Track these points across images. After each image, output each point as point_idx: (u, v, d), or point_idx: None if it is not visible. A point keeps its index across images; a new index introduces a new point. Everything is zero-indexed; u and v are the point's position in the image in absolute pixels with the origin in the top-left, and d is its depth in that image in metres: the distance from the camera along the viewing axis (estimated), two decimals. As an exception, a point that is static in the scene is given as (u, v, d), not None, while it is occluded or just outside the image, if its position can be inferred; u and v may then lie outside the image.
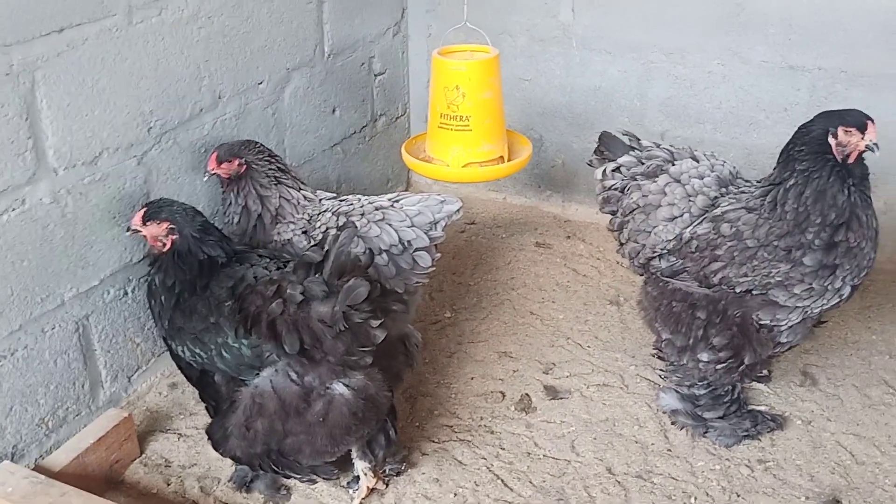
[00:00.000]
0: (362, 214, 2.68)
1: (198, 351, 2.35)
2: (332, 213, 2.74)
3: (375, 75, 3.91)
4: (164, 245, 2.47)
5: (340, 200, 2.82)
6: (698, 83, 3.72)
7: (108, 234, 2.68)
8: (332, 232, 2.63)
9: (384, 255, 2.64)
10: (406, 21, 4.03)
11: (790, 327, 2.67)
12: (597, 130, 2.99)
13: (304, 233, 2.75)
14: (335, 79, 3.61)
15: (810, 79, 3.53)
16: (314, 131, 3.55)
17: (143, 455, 2.74)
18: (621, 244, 2.89)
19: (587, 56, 3.86)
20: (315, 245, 2.41)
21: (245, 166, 2.79)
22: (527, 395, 3.03)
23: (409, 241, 2.65)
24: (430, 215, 2.66)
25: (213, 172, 2.82)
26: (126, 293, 2.80)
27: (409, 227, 2.65)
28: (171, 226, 2.46)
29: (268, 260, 2.42)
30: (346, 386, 2.25)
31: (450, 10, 3.81)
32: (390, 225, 2.65)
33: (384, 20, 3.88)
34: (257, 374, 2.29)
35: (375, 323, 2.15)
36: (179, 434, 2.83)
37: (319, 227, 2.72)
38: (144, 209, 2.50)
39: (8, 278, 2.39)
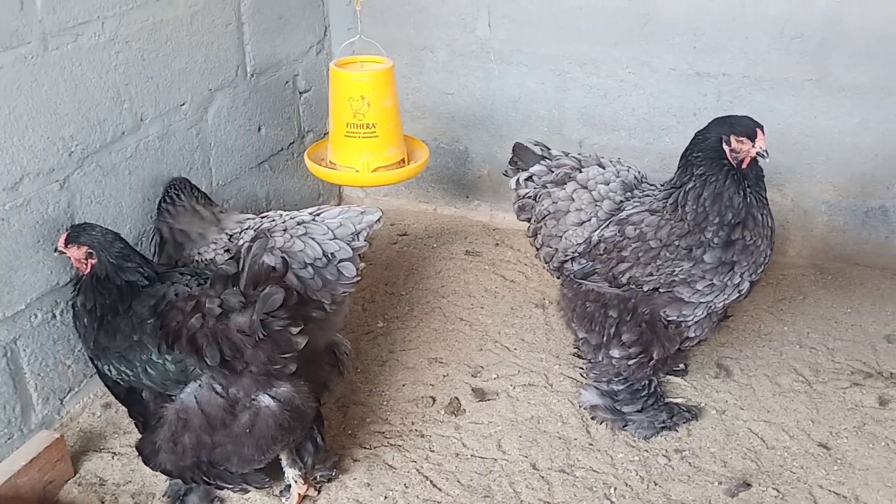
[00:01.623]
0: (284, 230, 2.75)
1: (123, 369, 2.40)
2: (254, 230, 2.81)
3: (301, 93, 3.99)
4: (85, 268, 2.52)
5: (262, 217, 2.90)
6: (612, 92, 3.87)
7: (33, 259, 2.72)
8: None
9: (309, 269, 2.70)
10: (329, 39, 4.12)
11: (696, 322, 2.81)
12: (519, 140, 3.11)
13: (227, 251, 2.81)
14: (259, 98, 3.68)
15: (716, 84, 3.71)
16: (240, 150, 3.62)
17: (78, 475, 2.77)
18: (537, 249, 3.01)
19: (505, 69, 3.99)
20: (231, 258, 2.47)
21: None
22: (456, 398, 3.13)
23: (332, 254, 2.72)
24: (351, 226, 2.74)
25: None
26: (54, 316, 2.84)
27: (331, 239, 2.73)
28: (90, 250, 2.51)
29: (189, 277, 2.48)
30: (272, 397, 2.32)
31: (371, 27, 3.90)
32: (313, 238, 2.73)
33: (307, 39, 3.97)
34: (183, 388, 2.35)
35: (295, 329, 2.23)
36: (114, 453, 2.87)
37: (242, 245, 2.79)
38: (67, 232, 2.55)
39: (-70, 306, 2.42)
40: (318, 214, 2.79)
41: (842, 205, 3.76)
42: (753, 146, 2.60)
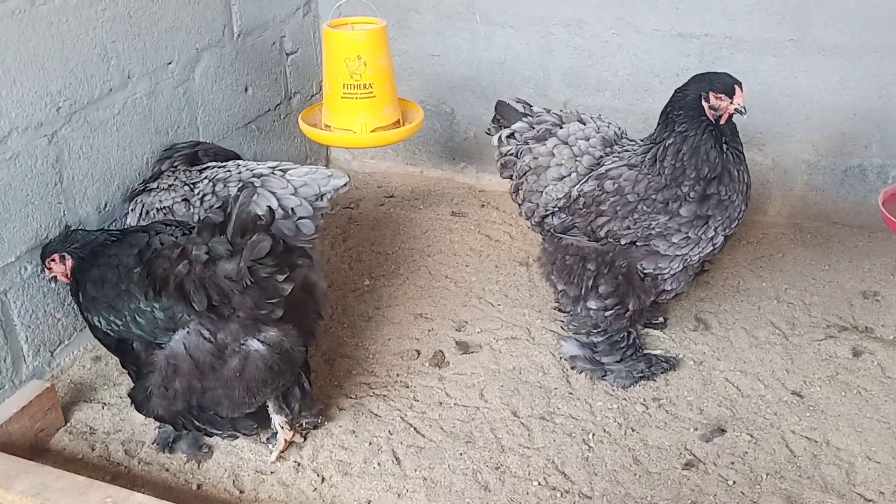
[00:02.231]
0: (239, 181, 2.78)
1: (113, 319, 2.45)
2: (210, 181, 2.86)
3: (287, 54, 4.02)
4: (68, 274, 2.63)
5: (219, 167, 2.94)
6: (596, 53, 3.91)
7: (22, 213, 2.77)
8: (210, 199, 2.76)
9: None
10: (316, 1, 4.14)
11: (673, 275, 2.88)
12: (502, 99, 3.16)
13: (185, 200, 2.87)
14: (246, 58, 3.71)
15: (698, 45, 3.75)
16: (227, 110, 3.66)
17: (68, 424, 2.83)
18: (519, 205, 3.07)
19: (491, 30, 4.02)
20: (218, 207, 2.51)
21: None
22: (440, 351, 3.20)
23: (292, 209, 2.67)
24: (315, 188, 2.65)
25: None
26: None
27: (291, 194, 2.69)
28: (60, 254, 2.62)
29: (173, 227, 2.54)
30: (261, 342, 2.39)
31: (357, -11, 3.93)
32: (272, 192, 2.72)
33: (293, 0, 3.99)
34: (172, 336, 2.40)
35: (281, 277, 2.28)
36: (104, 403, 2.93)
37: (198, 195, 2.85)
38: (41, 258, 2.70)
39: (-78, 256, 2.47)
40: (283, 170, 2.78)
41: (821, 164, 3.82)
42: (732, 103, 2.65)
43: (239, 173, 2.84)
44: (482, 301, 3.50)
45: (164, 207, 2.90)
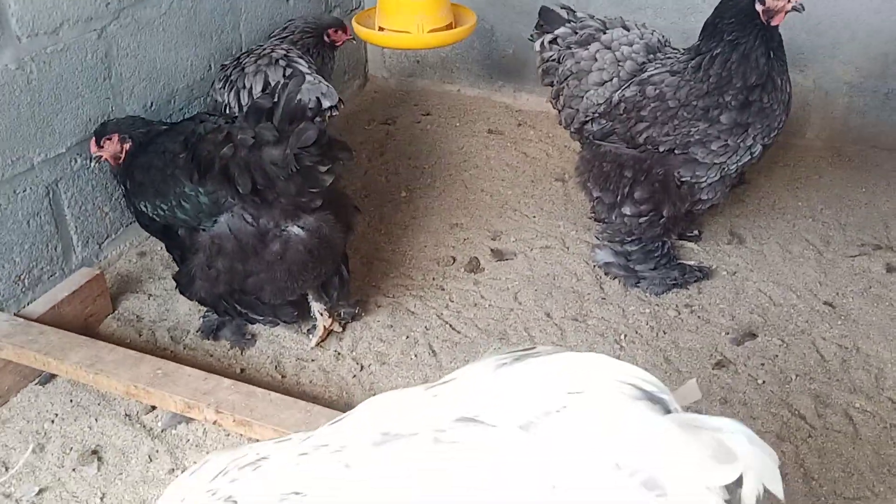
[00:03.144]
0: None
1: (159, 203, 2.52)
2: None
3: (329, -34, 4.03)
4: (121, 157, 2.68)
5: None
6: (639, -31, 3.88)
7: (73, 104, 2.83)
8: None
9: None
10: (358, -88, 4.13)
11: (710, 184, 2.90)
12: (545, 5, 3.15)
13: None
14: (289, -33, 3.73)
15: (743, -39, 3.69)
16: (269, 18, 3.68)
17: (116, 312, 2.93)
18: (559, 112, 3.09)
19: (534, -55, 3.98)
20: (265, 94, 2.56)
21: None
22: (475, 258, 3.25)
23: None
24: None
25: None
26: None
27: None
28: (122, 135, 2.66)
29: (216, 117, 2.59)
30: (301, 227, 2.45)
31: None
32: None
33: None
34: (216, 221, 2.47)
35: (324, 168, 2.34)
36: (149, 294, 3.03)
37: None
38: (94, 135, 2.71)
39: (-21, 139, 2.55)
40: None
41: (863, 86, 3.79)
42: (789, 0, 2.64)
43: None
44: (517, 213, 3.54)
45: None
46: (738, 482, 1.03)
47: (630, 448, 1.00)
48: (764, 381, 2.61)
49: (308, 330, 2.82)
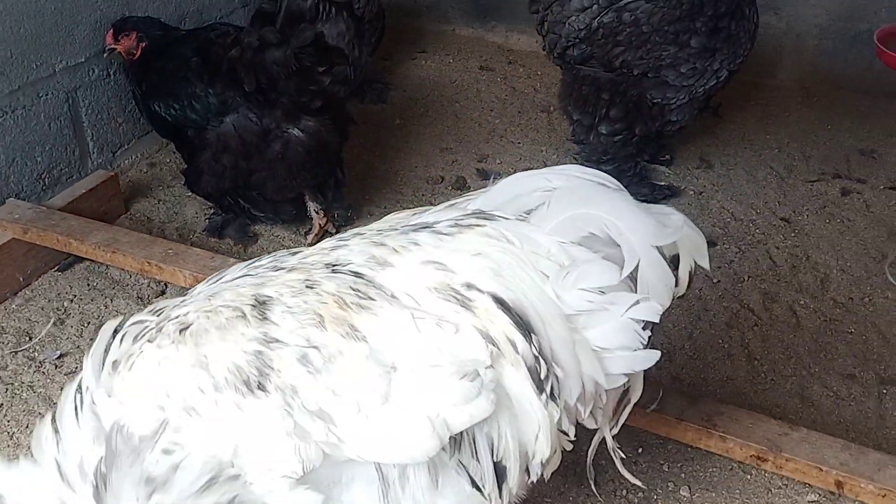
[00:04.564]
0: None
1: (171, 103, 2.76)
2: None
3: None
4: (136, 54, 2.88)
5: None
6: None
7: (92, 17, 3.06)
8: None
9: None
10: None
11: (679, 106, 3.14)
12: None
13: None
14: None
15: None
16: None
17: (128, 213, 3.18)
18: (543, 37, 3.32)
19: None
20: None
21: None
22: (462, 177, 3.50)
23: None
24: None
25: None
26: (109, 74, 3.19)
27: None
28: (140, 34, 2.87)
29: (227, 26, 2.83)
30: (301, 130, 2.70)
31: None
32: None
33: None
34: (222, 121, 2.72)
35: (321, 68, 2.58)
36: (159, 199, 3.27)
37: None
38: (112, 28, 2.90)
39: (8, 42, 2.78)
40: None
41: (832, 28, 4.01)
42: None
43: None
44: (504, 139, 3.78)
45: None
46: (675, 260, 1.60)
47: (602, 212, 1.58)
48: (719, 281, 2.87)
49: (305, 232, 3.06)
